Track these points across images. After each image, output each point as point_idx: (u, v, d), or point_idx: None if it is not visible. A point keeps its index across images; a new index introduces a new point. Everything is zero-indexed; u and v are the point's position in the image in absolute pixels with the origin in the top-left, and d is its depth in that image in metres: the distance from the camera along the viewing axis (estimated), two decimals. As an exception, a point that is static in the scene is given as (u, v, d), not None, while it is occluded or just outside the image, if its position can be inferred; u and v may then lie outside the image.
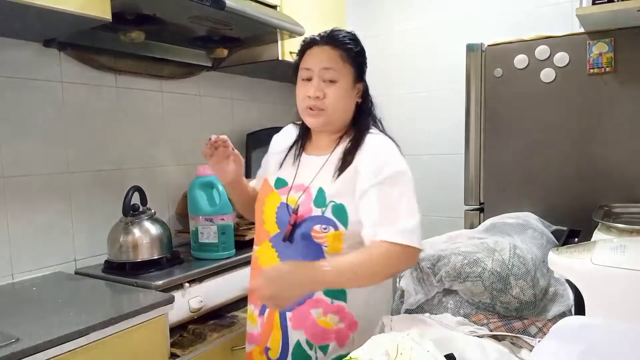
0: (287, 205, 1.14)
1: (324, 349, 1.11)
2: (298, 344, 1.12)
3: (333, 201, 1.10)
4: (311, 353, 1.11)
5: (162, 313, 1.37)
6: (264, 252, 1.19)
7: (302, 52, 1.18)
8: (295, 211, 1.12)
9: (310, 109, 1.13)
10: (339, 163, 1.14)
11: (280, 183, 1.20)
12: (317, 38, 1.15)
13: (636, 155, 1.56)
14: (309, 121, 1.16)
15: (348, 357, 0.80)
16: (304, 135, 1.25)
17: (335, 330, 1.11)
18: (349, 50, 1.14)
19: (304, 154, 1.22)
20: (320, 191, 1.12)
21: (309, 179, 1.15)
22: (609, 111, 1.59)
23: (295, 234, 1.11)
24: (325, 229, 1.09)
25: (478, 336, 0.91)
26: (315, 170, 1.16)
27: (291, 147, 1.25)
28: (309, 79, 1.13)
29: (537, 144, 1.71)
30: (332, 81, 1.12)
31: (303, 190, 1.14)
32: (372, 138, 1.15)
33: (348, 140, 1.17)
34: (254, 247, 1.25)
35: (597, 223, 1.29)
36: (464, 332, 0.92)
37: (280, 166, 1.24)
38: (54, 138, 1.69)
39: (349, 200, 1.09)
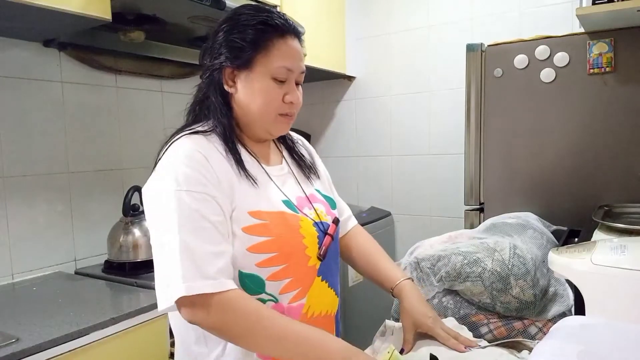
0: (317, 223, 0.97)
1: None
2: None
3: (333, 197, 1.12)
4: None
5: (162, 313, 1.36)
6: (316, 295, 0.94)
7: (265, 40, 0.90)
8: (336, 221, 1.02)
9: (285, 115, 0.96)
10: (300, 160, 1.08)
11: (288, 205, 0.96)
12: (287, 26, 0.92)
13: (636, 155, 1.56)
14: (279, 129, 0.98)
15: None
16: (235, 147, 0.95)
17: None
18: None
19: (266, 167, 0.99)
20: (321, 194, 1.07)
21: (295, 188, 1.01)
22: (609, 111, 1.59)
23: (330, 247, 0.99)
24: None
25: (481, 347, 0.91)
26: (291, 178, 1.03)
27: (238, 162, 0.93)
28: (284, 81, 0.93)
29: (537, 144, 1.70)
30: (299, 84, 0.97)
31: (310, 201, 1.01)
32: None
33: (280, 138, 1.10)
34: (294, 302, 0.90)
35: (597, 223, 1.29)
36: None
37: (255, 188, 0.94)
38: (54, 138, 1.69)
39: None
